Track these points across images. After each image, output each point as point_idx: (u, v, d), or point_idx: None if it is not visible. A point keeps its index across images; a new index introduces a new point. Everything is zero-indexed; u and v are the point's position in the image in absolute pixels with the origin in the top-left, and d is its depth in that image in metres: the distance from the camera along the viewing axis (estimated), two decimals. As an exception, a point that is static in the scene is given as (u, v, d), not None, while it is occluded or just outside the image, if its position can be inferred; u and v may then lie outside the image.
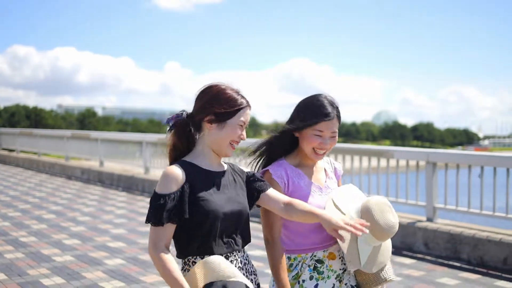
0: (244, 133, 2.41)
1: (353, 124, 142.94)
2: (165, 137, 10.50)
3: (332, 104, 2.62)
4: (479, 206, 6.71)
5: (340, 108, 2.66)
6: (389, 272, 2.64)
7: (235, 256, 2.36)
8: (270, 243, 2.57)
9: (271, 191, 2.49)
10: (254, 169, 2.70)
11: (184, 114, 2.40)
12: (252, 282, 2.43)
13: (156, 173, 12.67)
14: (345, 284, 2.64)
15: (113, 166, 14.32)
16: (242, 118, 2.37)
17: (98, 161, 14.58)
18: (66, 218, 8.71)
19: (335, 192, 2.66)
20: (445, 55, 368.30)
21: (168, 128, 2.41)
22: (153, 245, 2.22)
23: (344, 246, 2.51)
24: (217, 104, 2.35)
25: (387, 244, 2.63)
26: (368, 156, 8.07)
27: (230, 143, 2.38)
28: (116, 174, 12.97)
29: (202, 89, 2.42)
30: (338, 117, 2.63)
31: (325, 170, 2.76)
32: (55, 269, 5.68)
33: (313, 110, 2.59)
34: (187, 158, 2.39)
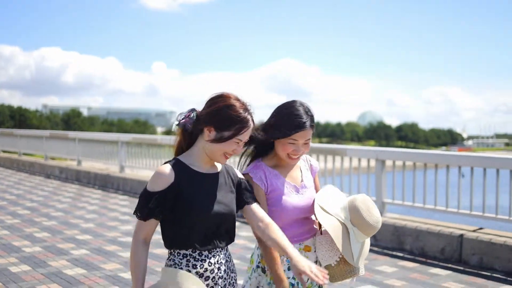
0: (239, 148, 2.49)
1: (338, 125, 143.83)
2: (139, 136, 10.88)
3: (307, 112, 2.72)
4: (423, 201, 7.25)
5: (314, 115, 2.77)
6: (361, 269, 2.82)
7: (218, 253, 2.47)
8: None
9: (255, 206, 2.58)
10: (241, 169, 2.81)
11: (193, 115, 2.47)
12: (232, 280, 2.56)
13: (131, 172, 13.10)
14: None
15: (91, 165, 14.73)
16: (240, 137, 2.44)
17: (76, 160, 14.96)
18: (40, 213, 9.12)
19: (318, 196, 2.79)
20: (431, 56, 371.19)
21: (176, 123, 2.49)
22: (134, 235, 2.41)
23: (339, 246, 2.66)
24: (221, 119, 2.41)
25: (368, 239, 2.84)
26: (324, 155, 8.58)
27: (224, 154, 2.46)
28: (92, 172, 13.37)
29: (214, 96, 2.49)
30: (312, 125, 2.73)
31: (300, 169, 2.88)
32: (23, 259, 6.11)
33: (289, 121, 2.68)
34: (182, 157, 2.49)
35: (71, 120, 73.49)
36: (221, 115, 2.42)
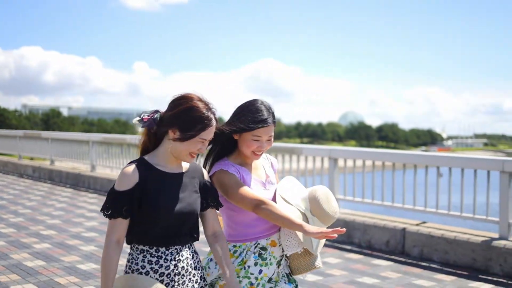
0: (204, 147, 2.55)
1: (319, 125, 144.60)
2: (110, 136, 11.20)
3: (269, 110, 2.81)
4: (371, 196, 7.68)
5: (275, 113, 2.86)
6: (318, 260, 2.93)
7: (177, 251, 2.53)
8: (260, 207, 2.69)
9: (211, 212, 2.67)
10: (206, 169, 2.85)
11: (157, 116, 2.52)
12: (194, 277, 2.60)
13: (102, 171, 13.37)
14: (281, 270, 2.91)
15: (63, 164, 14.97)
16: (204, 136, 2.50)
17: (49, 159, 15.19)
18: (8, 211, 9.39)
19: (280, 188, 2.87)
20: (413, 57, 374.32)
21: (137, 120, 2.54)
22: (107, 237, 2.47)
23: (300, 235, 2.72)
24: (184, 121, 2.48)
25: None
26: (282, 154, 8.98)
27: (190, 153, 2.52)
28: (64, 171, 13.62)
29: (177, 97, 2.54)
30: (274, 122, 2.81)
31: (263, 166, 2.97)
32: (-14, 252, 6.42)
33: (251, 117, 2.76)
34: (147, 157, 2.55)
35: (51, 120, 73.09)
36: (185, 116, 2.48)
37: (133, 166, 2.48)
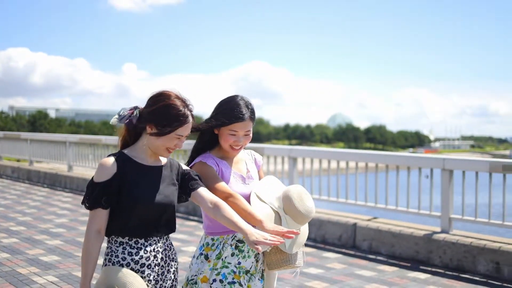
0: (181, 143, 2.62)
1: (308, 127, 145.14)
2: (86, 137, 11.53)
3: (247, 106, 2.88)
4: (327, 194, 8.08)
5: (255, 109, 2.93)
6: (296, 257, 2.94)
7: (155, 242, 2.61)
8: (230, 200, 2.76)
9: (202, 190, 2.70)
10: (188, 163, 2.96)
11: (136, 113, 2.60)
12: (171, 268, 2.69)
13: (78, 171, 13.67)
14: (260, 266, 2.97)
15: (42, 164, 15.26)
16: (180, 133, 2.58)
17: (28, 160, 15.46)
18: (-18, 209, 9.70)
19: (257, 186, 2.93)
20: (402, 59, 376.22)
21: (116, 118, 2.63)
22: (87, 227, 2.54)
23: None
24: (160, 117, 2.55)
25: (305, 228, 2.99)
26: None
27: (167, 148, 2.60)
28: (42, 172, 13.91)
29: (155, 94, 2.62)
30: (252, 118, 2.88)
31: (245, 162, 3.05)
32: (-45, 247, 6.74)
33: (229, 112, 2.84)
34: (126, 150, 2.63)
35: (37, 122, 72.96)
36: (162, 113, 2.56)
37: (112, 158, 2.56)
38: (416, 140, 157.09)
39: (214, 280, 2.81)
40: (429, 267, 6.33)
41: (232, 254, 2.86)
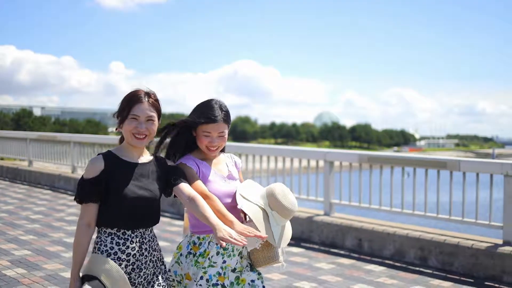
0: (142, 126, 2.74)
1: (294, 125, 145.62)
2: (44, 134, 12.70)
3: (221, 108, 2.99)
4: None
5: (229, 112, 3.05)
6: (279, 254, 3.06)
7: (141, 233, 2.78)
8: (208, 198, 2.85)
9: (182, 185, 2.82)
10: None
11: (114, 116, 2.83)
12: (154, 257, 2.86)
13: (39, 165, 14.70)
14: (245, 261, 3.09)
15: (3, 161, 16.29)
16: (135, 112, 2.72)
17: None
18: None
19: (240, 187, 3.04)
20: (389, 58, 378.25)
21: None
22: (78, 220, 2.74)
23: (262, 229, 2.88)
24: (120, 105, 2.78)
25: (288, 224, 3.11)
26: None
27: (133, 134, 2.74)
28: (5, 166, 14.95)
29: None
30: (225, 120, 2.99)
31: (226, 163, 3.15)
32: None
33: (202, 113, 2.97)
34: (113, 149, 2.82)
35: (22, 120, 73.13)
36: (121, 101, 2.79)
37: (100, 156, 2.75)
38: (401, 139, 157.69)
39: (201, 278, 2.91)
40: (310, 244, 7.42)
41: (217, 253, 2.95)
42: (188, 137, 3.03)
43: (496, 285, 5.77)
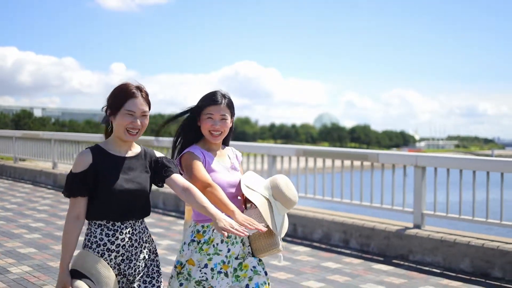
0: (137, 121, 2.72)
1: (293, 126, 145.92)
2: (28, 132, 13.74)
3: (224, 95, 3.13)
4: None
5: (233, 101, 3.18)
6: (279, 241, 3.11)
7: (131, 225, 2.77)
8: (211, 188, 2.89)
9: (175, 176, 2.80)
10: (175, 155, 3.15)
11: (103, 110, 2.80)
12: (145, 249, 2.84)
13: (25, 163, 15.52)
14: (247, 248, 3.15)
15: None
16: (129, 107, 2.69)
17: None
18: None
19: (243, 178, 3.12)
20: (389, 59, 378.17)
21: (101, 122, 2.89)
22: (67, 213, 2.73)
23: (268, 218, 2.98)
24: (110, 98, 2.75)
25: (286, 215, 3.20)
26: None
27: (126, 129, 2.72)
28: (-6, 163, 15.80)
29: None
30: (228, 105, 3.12)
31: (228, 156, 3.24)
32: None
33: (206, 98, 3.13)
34: (101, 143, 2.81)
35: (22, 121, 73.49)
36: (111, 94, 2.78)
37: (88, 150, 2.75)
38: (401, 140, 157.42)
39: (206, 266, 2.97)
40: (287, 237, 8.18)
41: (222, 241, 3.01)
42: (193, 128, 3.15)
43: (401, 262, 6.55)
